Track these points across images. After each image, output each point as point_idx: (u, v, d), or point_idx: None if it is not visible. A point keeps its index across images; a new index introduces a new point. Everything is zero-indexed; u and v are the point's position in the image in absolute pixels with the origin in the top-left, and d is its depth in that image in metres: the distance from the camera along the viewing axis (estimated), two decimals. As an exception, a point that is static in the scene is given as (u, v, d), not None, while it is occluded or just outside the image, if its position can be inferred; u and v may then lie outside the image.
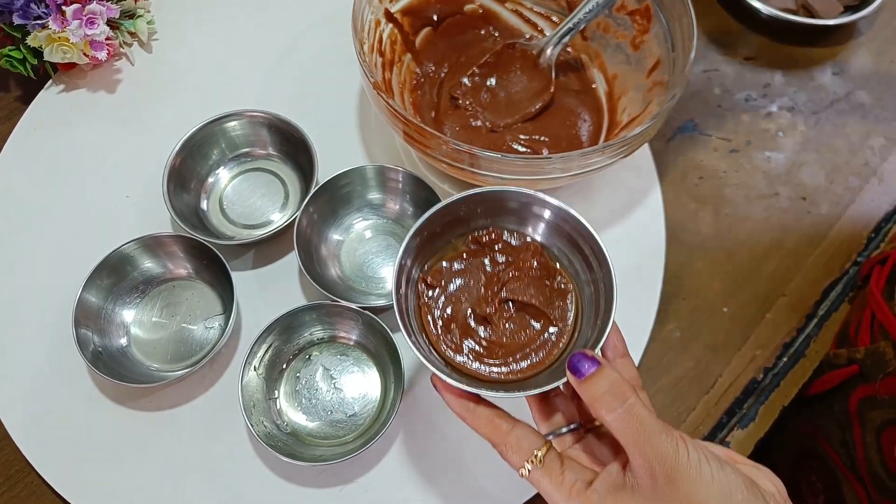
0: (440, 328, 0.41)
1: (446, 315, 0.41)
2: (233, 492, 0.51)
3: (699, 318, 0.59)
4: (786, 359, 0.59)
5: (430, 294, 0.41)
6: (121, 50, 0.67)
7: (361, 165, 0.57)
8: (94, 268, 0.53)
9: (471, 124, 0.60)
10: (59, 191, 0.61)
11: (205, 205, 0.60)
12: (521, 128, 0.60)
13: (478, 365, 0.40)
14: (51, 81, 0.66)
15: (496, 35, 0.66)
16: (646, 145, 0.63)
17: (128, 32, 0.67)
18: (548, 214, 0.42)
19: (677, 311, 0.60)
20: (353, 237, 0.59)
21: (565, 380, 0.35)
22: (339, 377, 0.54)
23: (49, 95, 0.65)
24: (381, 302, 0.53)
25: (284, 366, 0.54)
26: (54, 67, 0.65)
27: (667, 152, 0.66)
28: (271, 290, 0.57)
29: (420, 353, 0.37)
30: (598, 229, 0.40)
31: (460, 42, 0.65)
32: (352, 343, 0.55)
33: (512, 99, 0.61)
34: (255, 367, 0.51)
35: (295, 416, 0.52)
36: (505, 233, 0.42)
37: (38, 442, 0.52)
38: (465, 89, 0.61)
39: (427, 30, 0.64)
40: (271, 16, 0.70)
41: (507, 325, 0.41)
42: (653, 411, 0.33)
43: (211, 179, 0.61)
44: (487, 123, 0.60)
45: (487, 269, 0.42)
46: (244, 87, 0.66)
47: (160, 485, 0.51)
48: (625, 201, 0.62)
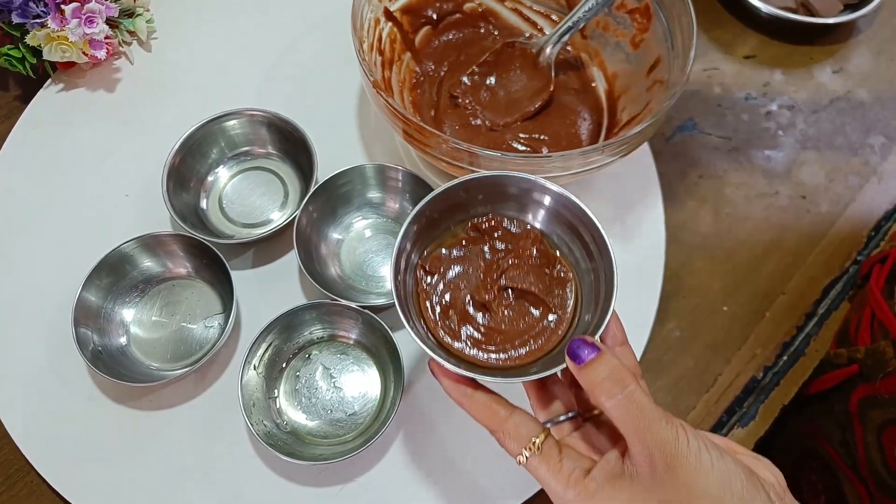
0: (438, 314, 0.40)
1: (445, 302, 0.40)
2: (233, 491, 0.51)
3: (699, 316, 0.59)
4: (786, 357, 0.59)
5: (428, 280, 0.41)
6: (120, 49, 0.67)
7: (361, 164, 0.57)
8: (94, 267, 0.53)
9: (470, 123, 0.60)
10: (59, 190, 0.61)
11: (204, 204, 0.60)
12: (520, 126, 0.60)
13: (476, 351, 0.39)
14: (50, 80, 0.65)
15: (496, 34, 0.66)
16: (646, 144, 0.63)
17: (127, 31, 0.67)
18: (548, 201, 0.41)
19: (677, 309, 0.59)
20: (353, 236, 0.59)
21: (564, 366, 0.34)
22: (338, 376, 0.54)
23: (48, 94, 0.65)
24: (381, 301, 0.53)
25: (284, 365, 0.54)
26: (53, 66, 0.65)
27: (667, 151, 0.66)
28: (271, 289, 0.57)
29: (417, 338, 0.36)
30: (597, 226, 0.39)
31: (460, 41, 0.65)
32: (351, 342, 0.55)
33: (512, 97, 0.61)
34: (254, 367, 0.51)
35: (295, 415, 0.52)
36: (505, 220, 0.42)
37: (37, 441, 0.52)
38: (465, 88, 0.61)
39: (427, 28, 0.64)
40: (271, 15, 0.70)
41: (505, 313, 0.40)
42: (652, 399, 0.33)
43: (210, 178, 0.61)
44: (487, 122, 0.60)
45: (487, 256, 0.42)
46: (244, 85, 0.66)
47: (160, 484, 0.51)
48: (624, 200, 0.62)
